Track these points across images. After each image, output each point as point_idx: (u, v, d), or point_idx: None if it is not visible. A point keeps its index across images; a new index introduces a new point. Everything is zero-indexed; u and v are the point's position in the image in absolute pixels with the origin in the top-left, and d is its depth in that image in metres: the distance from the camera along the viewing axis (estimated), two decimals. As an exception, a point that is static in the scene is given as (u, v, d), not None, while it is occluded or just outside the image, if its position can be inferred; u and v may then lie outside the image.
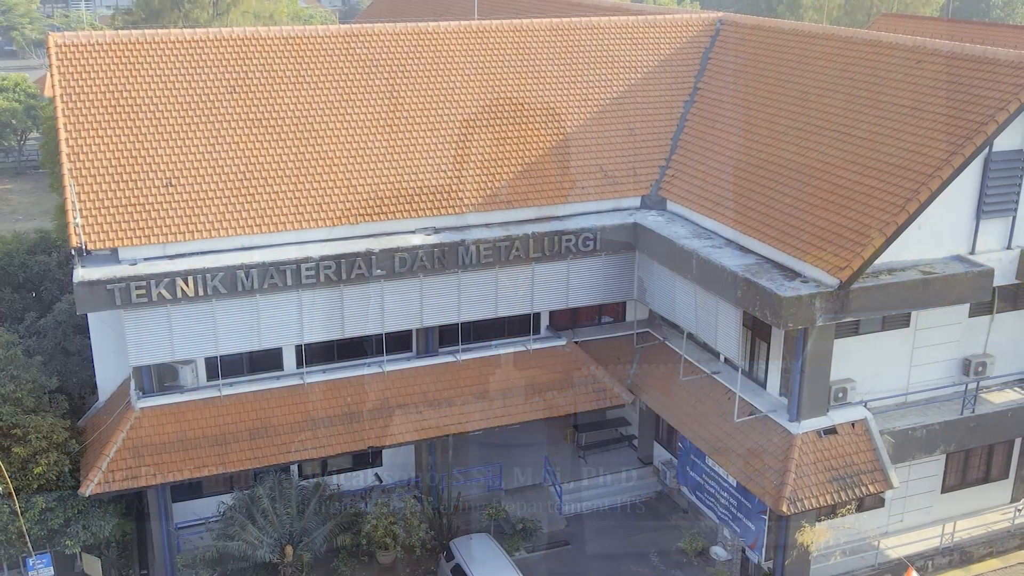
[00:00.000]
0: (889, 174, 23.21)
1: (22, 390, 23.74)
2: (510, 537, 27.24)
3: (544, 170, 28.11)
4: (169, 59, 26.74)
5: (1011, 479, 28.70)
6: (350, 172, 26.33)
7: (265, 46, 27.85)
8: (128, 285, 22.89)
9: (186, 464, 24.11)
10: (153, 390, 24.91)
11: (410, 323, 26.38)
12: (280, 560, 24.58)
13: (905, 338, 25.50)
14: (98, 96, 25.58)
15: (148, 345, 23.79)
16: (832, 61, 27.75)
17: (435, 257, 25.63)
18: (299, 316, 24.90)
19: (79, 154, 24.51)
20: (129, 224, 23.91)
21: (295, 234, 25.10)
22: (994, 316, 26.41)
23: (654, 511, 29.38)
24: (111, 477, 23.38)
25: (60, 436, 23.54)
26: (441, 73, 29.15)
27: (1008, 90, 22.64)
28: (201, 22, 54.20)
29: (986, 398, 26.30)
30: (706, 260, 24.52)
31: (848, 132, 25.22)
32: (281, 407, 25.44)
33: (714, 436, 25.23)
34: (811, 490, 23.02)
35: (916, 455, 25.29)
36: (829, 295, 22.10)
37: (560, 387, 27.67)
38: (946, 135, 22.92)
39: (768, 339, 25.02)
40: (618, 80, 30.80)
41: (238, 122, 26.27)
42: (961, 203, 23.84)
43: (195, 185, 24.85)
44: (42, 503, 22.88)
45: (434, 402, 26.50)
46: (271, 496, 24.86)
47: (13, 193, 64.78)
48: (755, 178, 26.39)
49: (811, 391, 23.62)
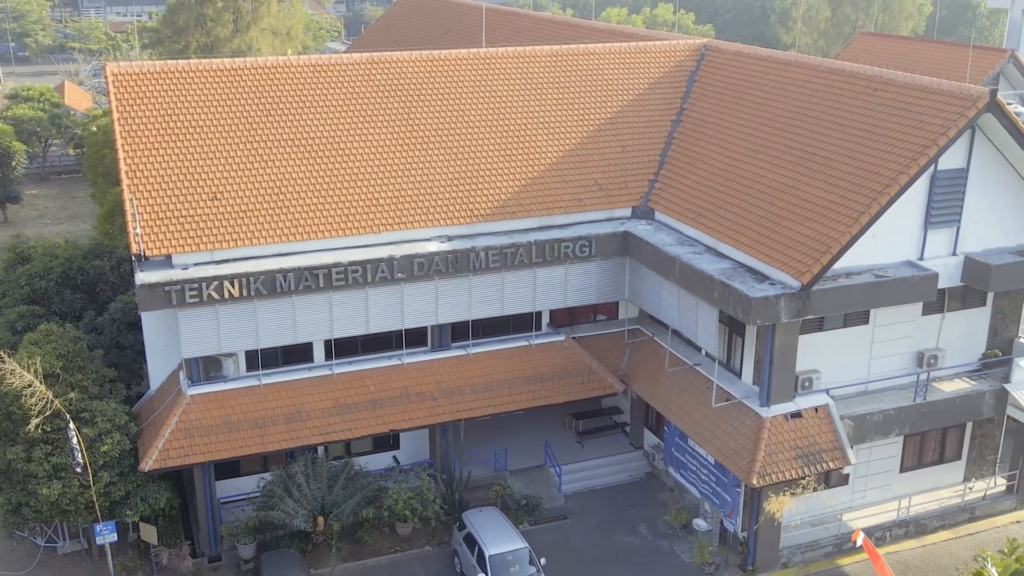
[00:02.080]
0: (847, 190, 26.54)
1: (88, 379, 27.04)
2: (515, 512, 30.46)
3: (545, 184, 31.41)
4: (212, 86, 30.05)
5: (963, 460, 31.99)
6: (373, 186, 29.63)
7: (296, 73, 31.16)
8: (182, 287, 26.21)
9: (230, 444, 27.42)
10: (200, 379, 28.21)
11: (426, 320, 29.67)
12: (312, 529, 27.87)
13: (865, 334, 28.78)
14: (151, 119, 28.89)
15: (198, 339, 27.12)
16: (801, 87, 31.08)
17: (448, 262, 28.91)
18: (329, 314, 28.21)
19: (136, 171, 27.81)
20: (181, 233, 27.21)
21: (326, 242, 28.38)
22: (945, 314, 29.72)
23: (644, 490, 32.63)
24: (166, 455, 26.69)
25: (121, 419, 26.80)
26: (452, 96, 32.46)
27: (950, 117, 25.96)
28: (222, 38, 57.48)
29: (937, 387, 29.55)
30: (687, 265, 27.85)
31: (813, 152, 28.54)
32: (313, 395, 28.74)
33: (695, 420, 28.57)
34: (778, 466, 26.34)
35: (873, 437, 28.57)
36: (793, 296, 25.42)
37: (559, 378, 30.96)
38: (896, 156, 26.25)
39: (743, 334, 28.33)
40: (612, 101, 34.10)
41: (273, 142, 29.57)
42: (911, 215, 27.17)
43: (238, 198, 28.17)
44: (107, 477, 26.13)
45: (447, 391, 29.80)
46: (305, 473, 28.16)
47: (39, 198, 67.99)
48: (732, 191, 29.72)
49: (779, 380, 26.94)
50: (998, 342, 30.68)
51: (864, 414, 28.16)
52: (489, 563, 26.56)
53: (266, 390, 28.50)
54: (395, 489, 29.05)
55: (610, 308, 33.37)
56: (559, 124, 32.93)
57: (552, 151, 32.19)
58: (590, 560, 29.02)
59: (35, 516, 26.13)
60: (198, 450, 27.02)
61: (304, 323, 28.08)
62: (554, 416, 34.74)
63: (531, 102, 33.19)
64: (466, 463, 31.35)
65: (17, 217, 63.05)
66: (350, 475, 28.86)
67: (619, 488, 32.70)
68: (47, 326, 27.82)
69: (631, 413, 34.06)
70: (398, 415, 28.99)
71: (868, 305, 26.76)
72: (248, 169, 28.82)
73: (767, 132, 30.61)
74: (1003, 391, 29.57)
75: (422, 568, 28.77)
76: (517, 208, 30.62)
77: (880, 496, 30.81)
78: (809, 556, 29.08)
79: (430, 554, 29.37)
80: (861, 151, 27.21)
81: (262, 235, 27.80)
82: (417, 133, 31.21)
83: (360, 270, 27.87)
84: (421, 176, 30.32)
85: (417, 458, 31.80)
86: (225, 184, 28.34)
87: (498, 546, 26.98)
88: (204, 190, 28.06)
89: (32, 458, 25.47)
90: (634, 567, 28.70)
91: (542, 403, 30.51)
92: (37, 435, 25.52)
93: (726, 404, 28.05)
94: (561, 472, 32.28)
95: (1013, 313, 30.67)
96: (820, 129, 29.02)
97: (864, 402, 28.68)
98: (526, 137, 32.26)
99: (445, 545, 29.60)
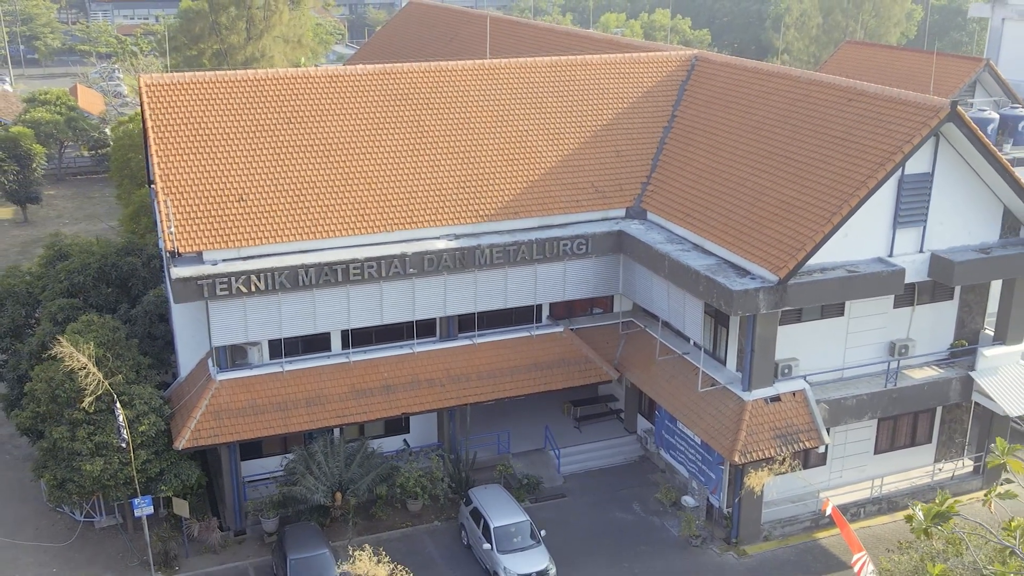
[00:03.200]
0: (821, 192, 28.96)
1: (126, 365, 29.47)
2: (516, 491, 32.82)
3: (545, 186, 33.85)
4: (238, 95, 32.48)
5: (934, 443, 34.40)
6: (386, 188, 32.07)
7: (314, 84, 33.59)
8: (213, 281, 28.64)
9: (256, 425, 29.85)
10: (228, 366, 30.64)
11: (435, 312, 32.12)
12: (331, 504, 30.29)
13: (841, 325, 31.21)
14: (182, 126, 31.31)
15: (227, 329, 29.56)
16: (783, 96, 33.52)
17: (456, 259, 31.33)
18: (347, 306, 30.64)
19: (169, 175, 30.25)
20: (211, 232, 29.62)
21: (343, 239, 30.81)
22: (915, 307, 32.15)
23: (637, 471, 35.05)
24: (198, 435, 29.13)
25: (156, 402, 29.21)
26: (459, 104, 34.89)
27: (915, 126, 28.38)
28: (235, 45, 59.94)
29: (907, 374, 31.96)
30: (676, 261, 30.28)
31: (792, 157, 30.97)
32: (331, 380, 31.17)
33: (683, 404, 31.01)
34: (758, 445, 28.78)
35: (847, 420, 30.99)
36: (771, 289, 27.85)
37: (558, 366, 33.41)
38: (866, 161, 28.68)
39: (727, 325, 30.77)
40: (607, 109, 36.53)
41: (295, 147, 32.00)
42: (881, 215, 29.57)
43: (263, 200, 30.59)
44: (144, 455, 28.56)
45: (455, 377, 32.24)
46: (324, 452, 30.58)
47: (56, 199, 70.37)
48: (718, 193, 32.15)
49: (759, 367, 29.36)
50: (965, 333, 33.11)
51: (839, 399, 30.57)
52: (494, 534, 29.00)
53: (288, 376, 30.92)
54: (406, 468, 31.45)
55: (605, 302, 35.85)
56: (558, 130, 35.34)
57: (551, 155, 34.60)
58: (587, 534, 31.44)
59: (78, 491, 28.52)
60: (227, 430, 29.44)
61: (323, 314, 30.50)
62: (554, 403, 37.19)
63: (532, 110, 35.60)
64: (472, 445, 33.78)
65: (36, 217, 65.46)
66: (366, 454, 31.27)
67: (614, 469, 35.11)
68: (88, 317, 30.26)
69: (626, 400, 36.50)
70: (409, 399, 31.41)
71: (840, 298, 29.19)
72: (272, 172, 31.23)
73: (751, 138, 33.02)
74: (969, 378, 31.96)
75: (431, 541, 31.19)
76: (519, 209, 33.03)
77: (856, 476, 33.22)
78: (788, 530, 31.51)
79: (439, 528, 31.80)
80: (835, 156, 29.63)
81: (285, 233, 30.20)
82: (426, 139, 33.63)
83: (375, 266, 30.29)
84: (430, 179, 32.73)
85: (426, 441, 34.22)
86: (251, 186, 30.75)
87: (502, 519, 29.42)
88: (232, 192, 30.48)
89: (76, 437, 27.88)
90: (627, 540, 31.12)
91: (542, 389, 32.94)
92: (80, 416, 27.94)
93: (711, 389, 30.47)
94: (560, 454, 34.68)
95: (979, 306, 33.11)
96: (799, 136, 31.44)
97: (839, 388, 31.08)
98: (527, 142, 34.69)
99: (453, 520, 32.00)
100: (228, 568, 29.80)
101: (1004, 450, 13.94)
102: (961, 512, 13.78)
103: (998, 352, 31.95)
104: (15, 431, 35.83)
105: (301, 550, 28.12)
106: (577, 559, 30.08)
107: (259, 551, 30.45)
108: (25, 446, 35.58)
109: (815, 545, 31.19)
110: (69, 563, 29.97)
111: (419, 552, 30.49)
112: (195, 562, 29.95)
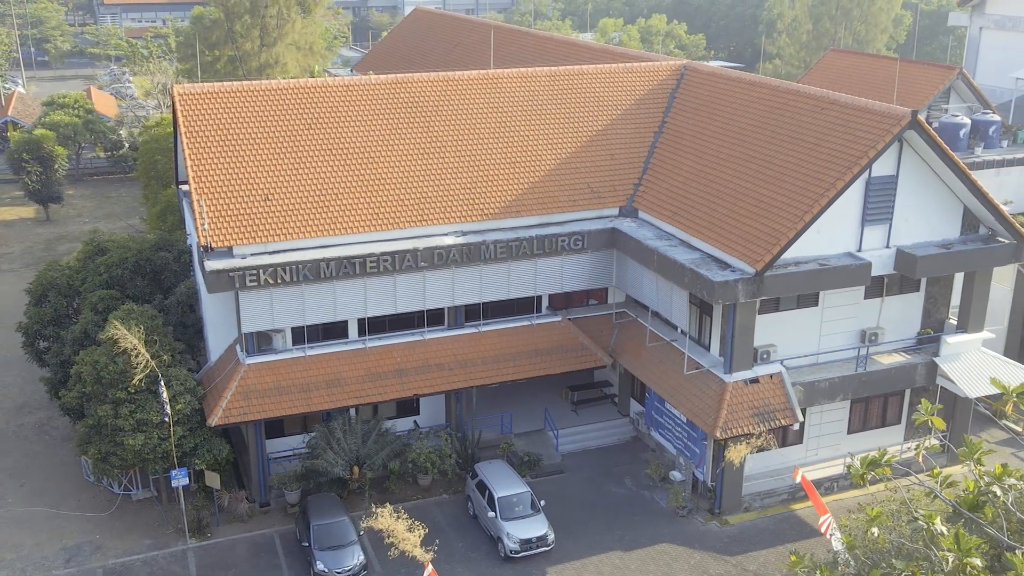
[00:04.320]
0: (796, 193, 31.85)
1: (163, 350, 32.36)
2: (518, 467, 35.72)
3: (544, 187, 36.74)
4: (263, 103, 35.38)
5: (903, 424, 37.29)
6: (398, 189, 34.96)
7: (333, 92, 36.49)
8: (244, 273, 31.53)
9: (281, 405, 32.75)
10: (255, 351, 33.52)
11: (444, 303, 35.03)
12: (349, 477, 33.18)
13: (815, 314, 34.09)
14: (213, 132, 34.20)
15: (255, 317, 32.45)
16: (763, 104, 36.41)
17: (463, 253, 34.21)
18: (364, 297, 33.54)
19: (202, 176, 33.14)
20: (239, 228, 32.50)
21: (360, 236, 33.70)
22: (884, 298, 35.03)
23: (629, 450, 37.94)
24: (229, 413, 32.02)
25: (191, 383, 32.11)
26: (465, 112, 37.78)
27: (879, 132, 31.25)
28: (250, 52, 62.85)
29: (877, 359, 34.82)
30: (664, 256, 33.17)
31: (770, 160, 33.86)
32: (349, 365, 34.07)
33: (671, 386, 33.91)
34: (738, 422, 31.67)
35: (821, 401, 33.87)
36: (749, 280, 30.73)
37: (556, 352, 36.30)
38: (836, 164, 31.56)
39: (711, 314, 33.67)
40: (602, 115, 39.41)
41: (315, 150, 34.89)
42: (851, 213, 32.44)
43: (287, 199, 33.49)
44: (180, 432, 31.44)
45: (462, 362, 35.13)
46: (343, 429, 33.46)
47: (75, 198, 73.28)
48: (703, 194, 35.05)
49: (740, 352, 32.25)
50: (931, 322, 36.01)
51: (813, 381, 33.46)
52: (498, 503, 31.89)
53: (310, 360, 33.82)
54: (417, 445, 34.33)
55: (600, 293, 38.81)
56: (557, 135, 38.22)
57: (550, 159, 37.48)
58: (583, 506, 34.32)
59: (120, 464, 31.43)
60: (254, 409, 32.34)
61: (342, 304, 33.40)
62: (553, 387, 40.09)
63: (533, 116, 38.48)
64: (477, 425, 36.67)
65: (57, 216, 68.41)
66: (380, 432, 34.16)
67: (608, 449, 38.00)
68: (128, 306, 33.15)
69: (619, 386, 39.40)
70: (420, 382, 34.32)
71: (812, 288, 32.10)
72: (295, 174, 34.12)
73: (734, 144, 35.91)
74: (933, 364, 34.84)
75: (440, 512, 34.07)
76: (520, 208, 35.93)
77: (831, 453, 36.09)
78: (767, 502, 34.41)
79: (447, 501, 34.69)
80: (809, 160, 32.51)
81: (307, 230, 33.09)
82: (436, 144, 36.52)
83: (389, 260, 33.19)
84: (439, 180, 35.62)
85: (435, 422, 37.13)
86: (276, 187, 33.63)
87: (505, 489, 32.32)
88: (258, 192, 33.37)
89: (119, 415, 30.77)
90: (620, 511, 34.02)
91: (541, 373, 35.83)
92: (123, 395, 30.82)
93: (696, 372, 33.37)
94: (558, 435, 37.57)
95: (943, 298, 36.00)
96: (776, 141, 34.33)
97: (813, 371, 33.96)
98: (528, 147, 37.57)
99: (460, 494, 34.86)
100: (255, 535, 32.70)
101: (927, 409, 16.80)
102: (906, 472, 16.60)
103: (960, 339, 34.88)
104: (54, 415, 38.93)
105: (323, 517, 31.03)
106: (574, 527, 32.98)
107: (283, 520, 33.36)
108: (63, 428, 38.52)
109: (791, 515, 34.08)
110: (111, 531, 32.86)
111: (429, 521, 33.15)
112: (225, 530, 32.87)
